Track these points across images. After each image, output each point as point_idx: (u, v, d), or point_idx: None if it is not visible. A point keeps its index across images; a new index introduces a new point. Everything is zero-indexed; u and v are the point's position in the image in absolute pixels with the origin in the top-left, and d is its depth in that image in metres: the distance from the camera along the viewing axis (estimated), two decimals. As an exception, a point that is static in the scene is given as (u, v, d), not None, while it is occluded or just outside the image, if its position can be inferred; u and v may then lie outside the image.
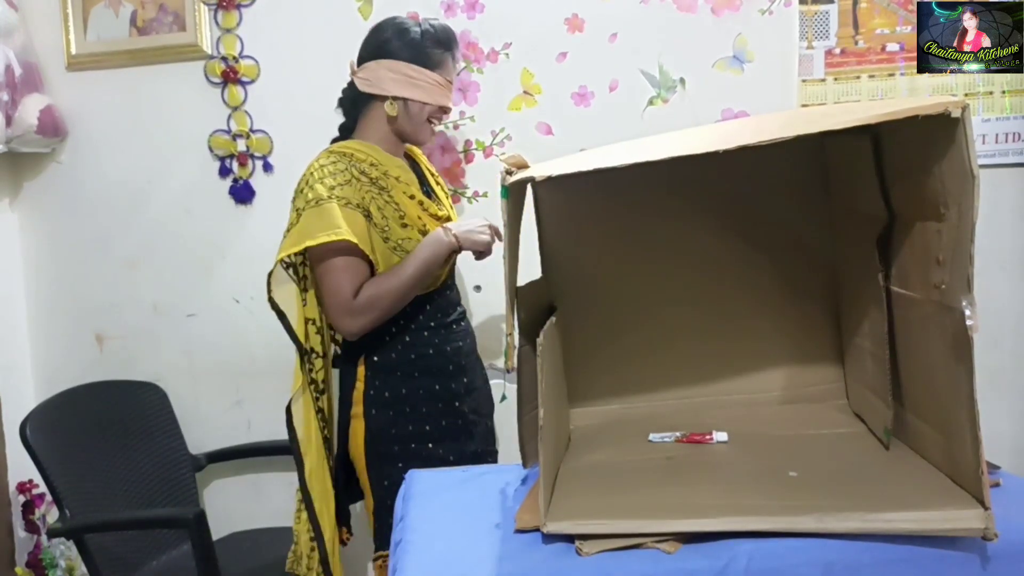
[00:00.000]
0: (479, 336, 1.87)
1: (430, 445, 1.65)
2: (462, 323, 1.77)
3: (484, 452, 1.77)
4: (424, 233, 1.61)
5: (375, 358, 1.64)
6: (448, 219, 1.70)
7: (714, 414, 1.28)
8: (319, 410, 1.68)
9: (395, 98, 1.63)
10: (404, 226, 1.59)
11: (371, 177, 1.58)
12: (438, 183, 1.82)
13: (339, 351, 1.74)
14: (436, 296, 1.69)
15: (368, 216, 1.55)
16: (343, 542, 1.77)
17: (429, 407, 1.66)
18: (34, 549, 2.15)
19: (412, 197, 1.63)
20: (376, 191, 1.57)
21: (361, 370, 1.65)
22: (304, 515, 1.67)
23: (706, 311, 1.33)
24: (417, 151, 1.82)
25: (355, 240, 1.51)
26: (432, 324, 1.68)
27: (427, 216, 1.63)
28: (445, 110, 1.69)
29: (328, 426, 1.70)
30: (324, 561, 1.66)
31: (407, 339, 1.65)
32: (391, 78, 1.61)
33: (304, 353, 1.66)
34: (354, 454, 1.67)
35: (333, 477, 1.70)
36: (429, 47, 1.63)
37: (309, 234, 1.52)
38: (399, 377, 1.64)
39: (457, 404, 1.70)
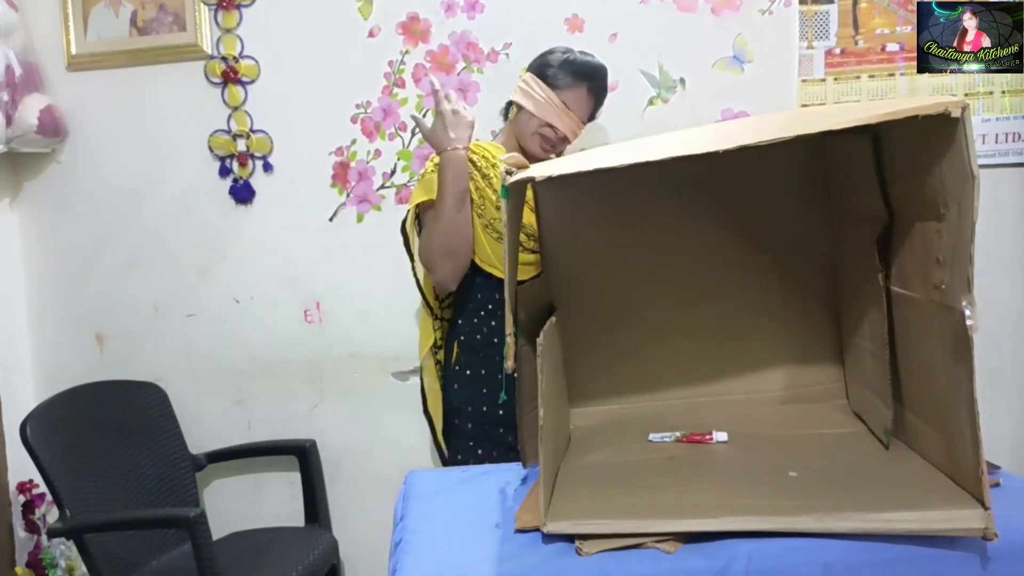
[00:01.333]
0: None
1: (501, 430, 1.70)
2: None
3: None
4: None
5: (463, 336, 1.73)
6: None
7: (714, 414, 1.28)
8: (437, 362, 1.81)
9: (516, 104, 1.74)
10: (498, 208, 1.66)
11: (478, 166, 1.69)
12: None
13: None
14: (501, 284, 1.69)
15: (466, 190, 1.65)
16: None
17: (489, 390, 1.70)
18: (34, 549, 2.15)
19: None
20: (479, 175, 1.68)
21: (455, 346, 1.74)
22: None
23: (706, 311, 1.33)
24: None
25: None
26: (496, 308, 1.70)
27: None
28: (553, 128, 1.69)
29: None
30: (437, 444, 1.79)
31: (493, 323, 1.70)
32: (521, 88, 1.73)
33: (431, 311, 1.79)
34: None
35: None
36: (561, 71, 1.70)
37: (413, 199, 1.70)
38: (482, 358, 1.71)
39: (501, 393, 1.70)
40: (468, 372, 1.73)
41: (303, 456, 2.16)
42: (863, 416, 1.23)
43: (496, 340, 1.70)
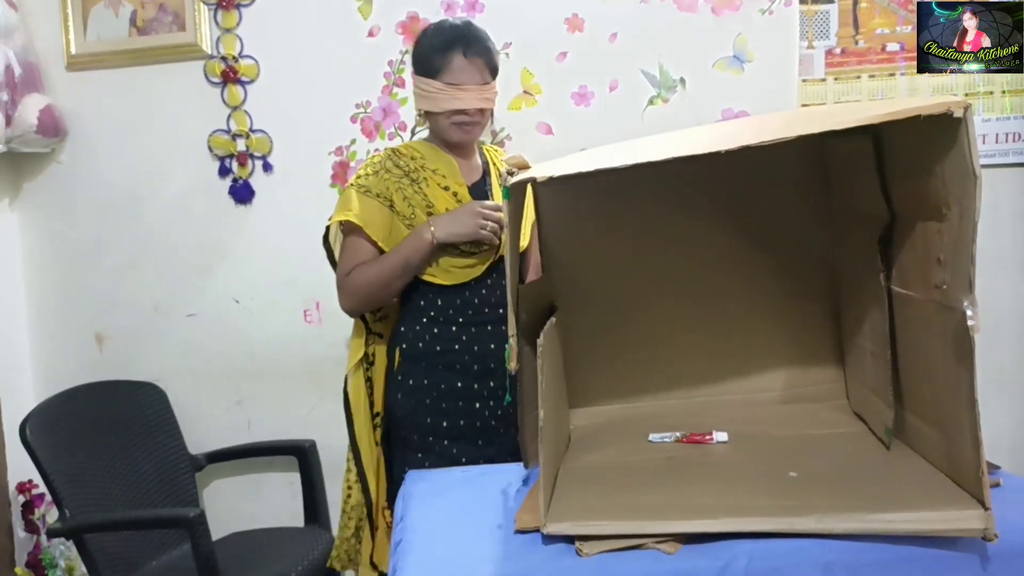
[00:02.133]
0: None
1: (446, 442, 1.65)
2: (502, 326, 1.61)
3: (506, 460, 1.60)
4: None
5: (405, 344, 1.67)
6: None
7: (714, 414, 1.28)
8: (368, 379, 1.73)
9: (420, 111, 1.68)
10: (430, 215, 1.62)
11: (404, 170, 1.65)
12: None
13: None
14: (469, 291, 1.66)
15: (391, 205, 1.63)
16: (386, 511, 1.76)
17: (449, 403, 1.65)
18: (34, 549, 2.15)
19: (447, 188, 1.64)
20: (407, 182, 1.64)
21: (397, 353, 1.69)
22: (352, 493, 1.72)
23: (706, 311, 1.33)
24: (494, 151, 1.82)
25: (359, 223, 1.60)
26: (461, 320, 1.66)
27: (455, 205, 1.64)
28: (460, 111, 1.61)
29: (374, 395, 1.74)
30: (369, 512, 1.70)
31: (435, 331, 1.66)
32: (415, 93, 1.68)
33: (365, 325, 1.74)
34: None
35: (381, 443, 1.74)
36: (430, 55, 1.62)
37: (336, 213, 1.66)
38: (424, 367, 1.66)
39: (478, 406, 1.66)
40: (411, 381, 1.66)
41: (303, 456, 2.15)
42: (863, 416, 1.23)
43: (439, 348, 1.65)
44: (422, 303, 1.67)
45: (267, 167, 2.18)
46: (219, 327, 2.22)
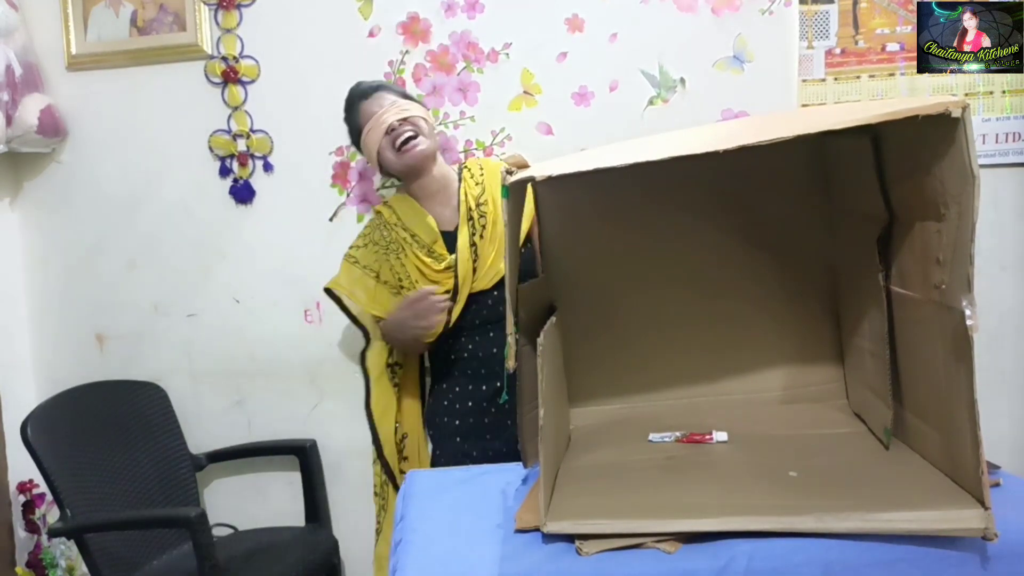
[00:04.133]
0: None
1: (457, 439, 1.81)
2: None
3: (511, 452, 1.76)
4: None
5: (436, 351, 1.86)
6: (449, 268, 1.78)
7: (714, 414, 1.28)
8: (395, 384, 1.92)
9: (374, 168, 1.89)
10: (401, 288, 1.82)
11: (386, 242, 1.85)
12: (477, 206, 1.81)
13: None
14: (476, 301, 1.79)
15: (377, 276, 1.86)
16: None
17: (461, 405, 1.81)
18: (34, 549, 2.15)
19: (423, 249, 1.80)
20: (391, 255, 1.84)
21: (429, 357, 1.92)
22: (385, 504, 1.92)
23: (706, 311, 1.33)
24: (469, 172, 1.86)
25: (340, 293, 1.89)
26: (467, 327, 1.79)
27: (423, 278, 1.79)
28: (389, 131, 1.76)
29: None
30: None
31: (450, 340, 1.81)
32: (367, 164, 1.97)
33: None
34: None
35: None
36: (350, 124, 1.86)
37: (338, 281, 1.91)
38: (443, 372, 1.86)
39: (485, 404, 1.80)
40: (434, 384, 1.90)
41: (303, 456, 2.16)
42: (863, 416, 1.23)
43: (452, 357, 1.82)
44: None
45: (268, 167, 2.18)
46: (220, 327, 2.22)
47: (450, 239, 1.79)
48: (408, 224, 1.82)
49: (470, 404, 1.80)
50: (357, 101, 1.82)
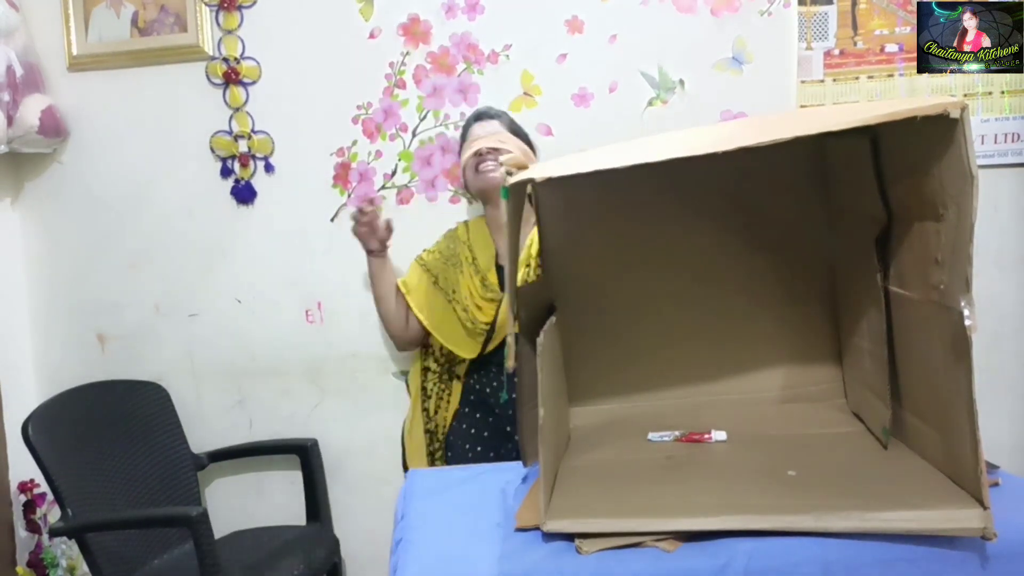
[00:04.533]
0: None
1: (467, 445, 1.92)
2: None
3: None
4: (466, 309, 1.88)
5: (467, 378, 1.97)
6: (493, 302, 1.88)
7: (713, 413, 1.28)
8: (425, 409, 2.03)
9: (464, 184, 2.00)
10: (451, 300, 1.92)
11: (451, 255, 1.96)
12: (538, 255, 1.85)
13: None
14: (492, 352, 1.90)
15: (436, 280, 1.96)
16: None
17: (477, 432, 1.92)
18: (35, 548, 2.15)
19: (477, 274, 1.90)
20: (450, 267, 1.95)
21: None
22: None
23: (705, 311, 1.33)
24: None
25: (404, 290, 1.97)
26: (496, 363, 1.90)
27: (471, 299, 1.89)
28: (477, 155, 1.86)
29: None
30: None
31: (481, 370, 1.93)
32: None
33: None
34: None
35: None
36: (462, 137, 1.97)
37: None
38: (469, 399, 1.95)
39: (497, 411, 1.90)
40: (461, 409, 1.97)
41: (304, 455, 2.16)
42: (862, 416, 1.23)
43: (472, 397, 1.94)
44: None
45: (269, 168, 2.18)
46: (221, 327, 2.23)
47: (504, 276, 1.84)
48: (474, 246, 1.93)
49: (486, 435, 1.90)
50: (473, 120, 1.96)
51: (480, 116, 1.95)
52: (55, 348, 2.27)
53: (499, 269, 1.89)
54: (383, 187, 2.15)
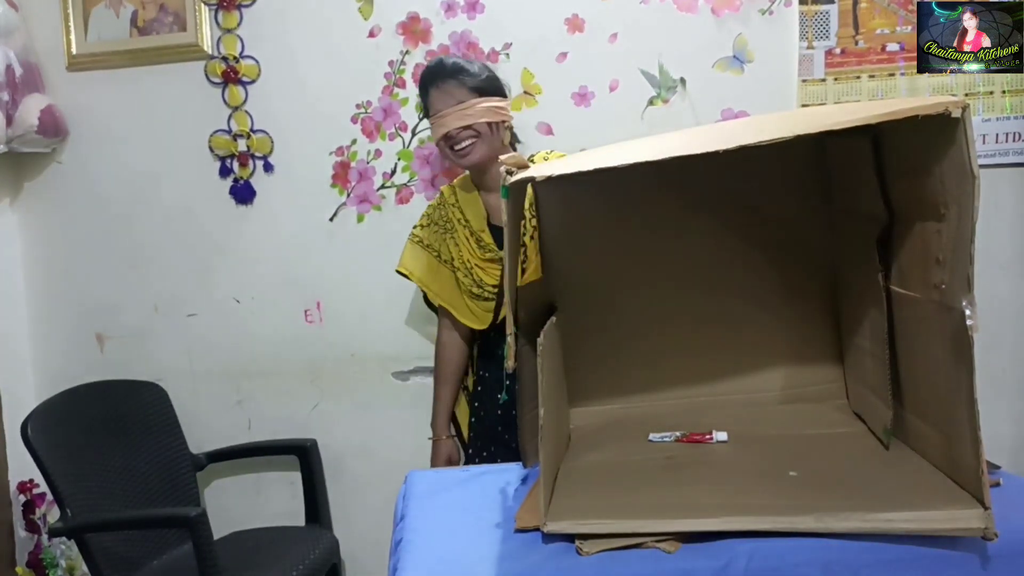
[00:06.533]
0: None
1: (479, 442, 1.92)
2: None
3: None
4: (470, 272, 1.82)
5: (479, 355, 1.96)
6: (494, 261, 1.80)
7: (714, 414, 1.28)
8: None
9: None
10: (455, 269, 1.86)
11: (443, 222, 1.88)
12: (530, 206, 1.83)
13: None
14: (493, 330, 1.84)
15: (439, 255, 1.89)
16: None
17: (481, 408, 1.91)
18: (35, 549, 2.15)
19: (472, 235, 1.83)
20: (447, 234, 1.87)
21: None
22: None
23: (706, 311, 1.33)
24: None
25: (406, 272, 1.93)
26: (486, 355, 1.90)
27: (476, 258, 1.82)
28: (448, 137, 1.72)
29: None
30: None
31: (492, 344, 1.89)
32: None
33: None
34: None
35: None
36: (422, 101, 1.81)
37: (404, 262, 1.95)
38: (473, 392, 1.96)
39: (500, 412, 1.87)
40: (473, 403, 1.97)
41: (304, 455, 2.16)
42: (863, 416, 1.23)
43: (481, 373, 1.94)
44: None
45: (268, 167, 2.18)
46: (220, 327, 2.22)
47: (500, 234, 1.77)
48: (463, 206, 1.85)
49: (482, 414, 1.91)
50: (428, 85, 1.75)
51: (435, 77, 1.74)
52: (54, 348, 2.27)
53: (494, 228, 1.81)
54: (382, 186, 2.15)
